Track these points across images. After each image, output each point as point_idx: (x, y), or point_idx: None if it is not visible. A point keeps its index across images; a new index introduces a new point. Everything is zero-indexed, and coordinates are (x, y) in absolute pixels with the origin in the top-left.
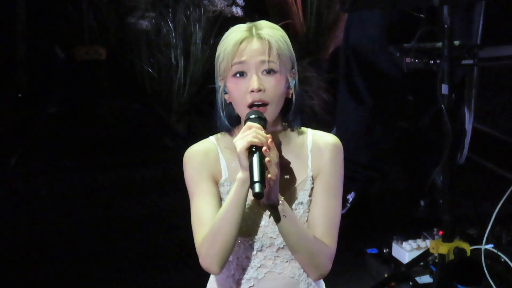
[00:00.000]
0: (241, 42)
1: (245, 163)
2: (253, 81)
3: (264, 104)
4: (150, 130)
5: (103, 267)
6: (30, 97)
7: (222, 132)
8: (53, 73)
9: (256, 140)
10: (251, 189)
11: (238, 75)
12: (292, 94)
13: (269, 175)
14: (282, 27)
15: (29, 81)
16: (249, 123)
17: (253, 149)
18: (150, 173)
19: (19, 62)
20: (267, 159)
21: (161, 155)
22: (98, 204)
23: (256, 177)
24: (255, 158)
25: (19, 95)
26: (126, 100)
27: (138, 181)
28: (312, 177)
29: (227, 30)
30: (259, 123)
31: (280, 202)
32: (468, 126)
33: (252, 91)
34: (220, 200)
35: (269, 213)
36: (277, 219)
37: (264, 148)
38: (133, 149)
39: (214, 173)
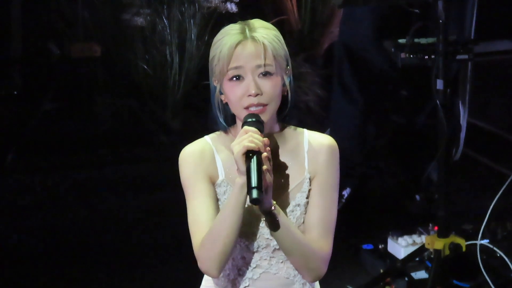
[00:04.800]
0: (236, 46)
1: (243, 168)
2: (250, 86)
3: (262, 105)
4: (145, 126)
5: (98, 263)
6: (25, 95)
7: (218, 132)
8: (48, 70)
9: (252, 145)
10: (248, 195)
11: (234, 79)
12: (287, 91)
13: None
14: (277, 23)
15: (24, 78)
16: (245, 127)
17: (250, 154)
18: (145, 170)
19: (14, 59)
20: (264, 167)
21: (156, 151)
22: (93, 200)
23: (253, 183)
24: (252, 164)
25: (15, 93)
26: (121, 97)
27: (133, 178)
28: (309, 179)
29: (222, 26)
30: (256, 127)
31: (273, 208)
32: (463, 121)
33: (250, 95)
34: (217, 200)
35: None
36: (270, 224)
37: (265, 155)
38: (128, 146)
39: (210, 173)
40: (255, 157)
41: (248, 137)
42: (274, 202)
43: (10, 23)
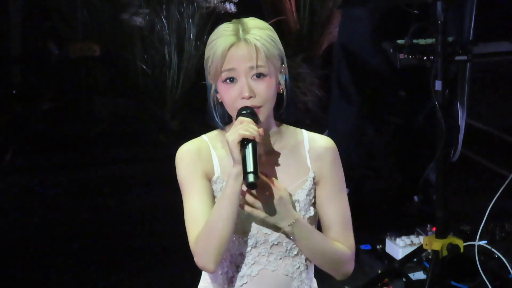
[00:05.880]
0: (229, 48)
1: (238, 156)
2: (244, 89)
3: (256, 107)
4: (144, 126)
5: (97, 263)
6: (24, 93)
7: (215, 131)
8: (47, 69)
9: (247, 133)
10: (244, 180)
11: (228, 81)
12: (283, 89)
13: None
14: (275, 23)
15: (23, 77)
16: (240, 118)
17: (245, 142)
18: (144, 169)
19: (14, 58)
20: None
21: (155, 151)
22: (91, 200)
23: (249, 168)
24: (248, 150)
25: (14, 92)
26: (120, 96)
27: (132, 177)
28: (313, 178)
29: None
30: (250, 118)
31: (289, 224)
32: (461, 122)
33: (243, 98)
34: (214, 198)
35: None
36: (291, 233)
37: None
38: (127, 146)
39: (207, 170)
40: (250, 144)
41: (243, 126)
42: (293, 219)
43: (9, 21)
